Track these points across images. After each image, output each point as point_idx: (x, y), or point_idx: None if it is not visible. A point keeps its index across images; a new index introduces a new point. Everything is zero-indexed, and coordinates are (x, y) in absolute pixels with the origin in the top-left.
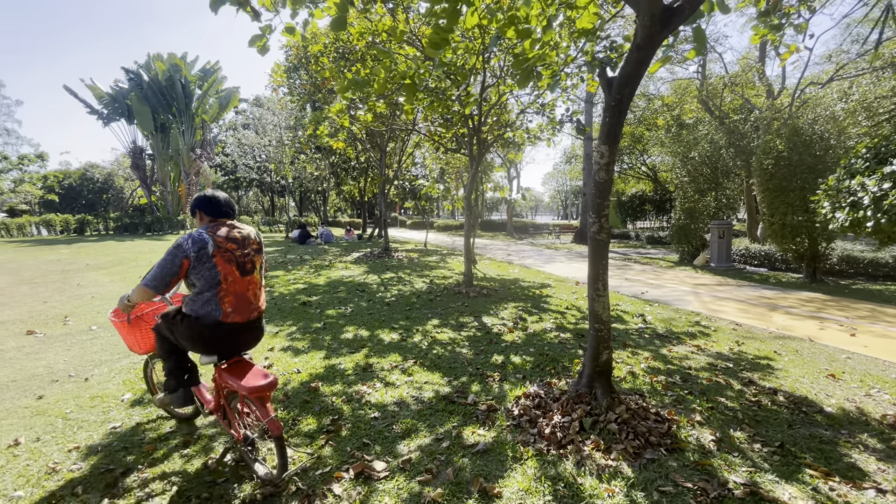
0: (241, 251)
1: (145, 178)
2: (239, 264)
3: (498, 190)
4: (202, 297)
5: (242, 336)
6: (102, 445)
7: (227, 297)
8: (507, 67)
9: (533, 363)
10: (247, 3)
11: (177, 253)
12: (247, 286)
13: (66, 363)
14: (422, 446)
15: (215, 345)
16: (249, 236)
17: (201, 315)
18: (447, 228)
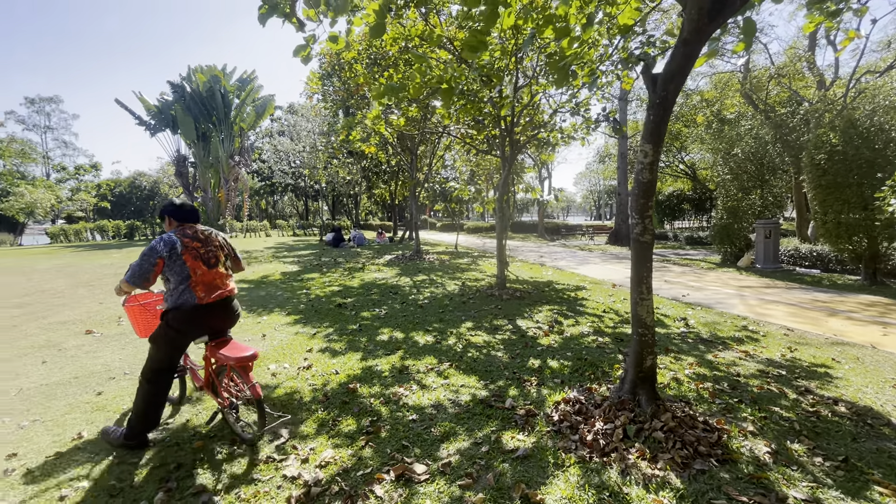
0: (204, 248)
1: (188, 185)
2: (204, 260)
3: (530, 191)
4: (178, 290)
5: (219, 314)
6: (156, 440)
7: (197, 286)
8: (541, 67)
9: (571, 368)
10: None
11: (151, 254)
12: (214, 277)
13: (120, 361)
14: (461, 450)
15: (200, 323)
16: (211, 236)
17: (181, 304)
18: (477, 230)
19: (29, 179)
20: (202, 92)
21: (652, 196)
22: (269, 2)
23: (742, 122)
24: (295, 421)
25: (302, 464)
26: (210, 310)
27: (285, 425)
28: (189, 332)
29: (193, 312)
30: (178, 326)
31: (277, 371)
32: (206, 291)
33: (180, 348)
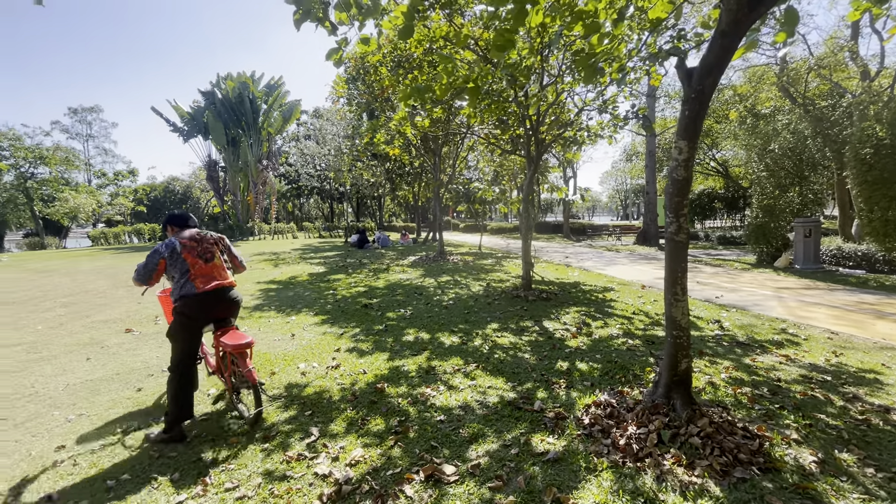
0: (200, 247)
1: (218, 189)
2: (201, 256)
3: (555, 191)
4: (180, 283)
5: (219, 302)
6: (193, 436)
7: (197, 278)
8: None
9: (601, 370)
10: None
11: (154, 255)
12: (211, 269)
13: (158, 359)
14: (490, 452)
15: (202, 309)
16: (206, 236)
17: (184, 294)
18: (500, 231)
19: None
20: (232, 98)
21: (687, 194)
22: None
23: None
24: (325, 420)
25: (332, 462)
26: (209, 297)
27: (315, 425)
28: (195, 317)
29: (195, 299)
30: (186, 312)
31: (307, 370)
32: (204, 282)
33: (194, 335)
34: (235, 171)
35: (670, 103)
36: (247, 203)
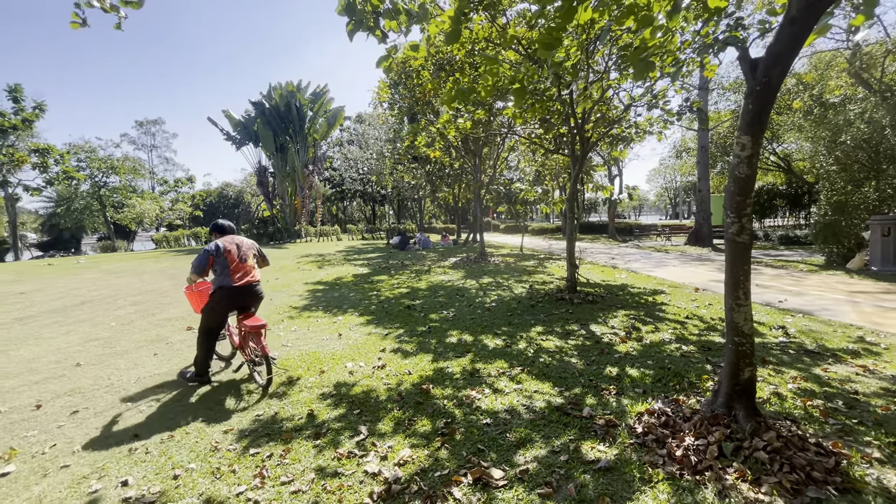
0: (237, 251)
1: (268, 194)
2: (238, 257)
3: (600, 190)
4: (221, 275)
5: (246, 293)
6: (250, 430)
7: (233, 273)
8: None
9: (653, 377)
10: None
11: (205, 254)
12: (243, 268)
13: (241, 374)
14: (538, 458)
15: (233, 299)
16: (243, 241)
17: (223, 285)
18: (542, 232)
19: (139, 192)
20: (280, 107)
21: (750, 193)
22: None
23: (850, 106)
24: (373, 419)
25: (381, 461)
26: (240, 290)
27: (364, 423)
28: (226, 304)
29: (230, 291)
30: (220, 300)
31: (354, 369)
32: (239, 278)
33: (221, 317)
34: (283, 177)
35: (724, 95)
36: (294, 206)
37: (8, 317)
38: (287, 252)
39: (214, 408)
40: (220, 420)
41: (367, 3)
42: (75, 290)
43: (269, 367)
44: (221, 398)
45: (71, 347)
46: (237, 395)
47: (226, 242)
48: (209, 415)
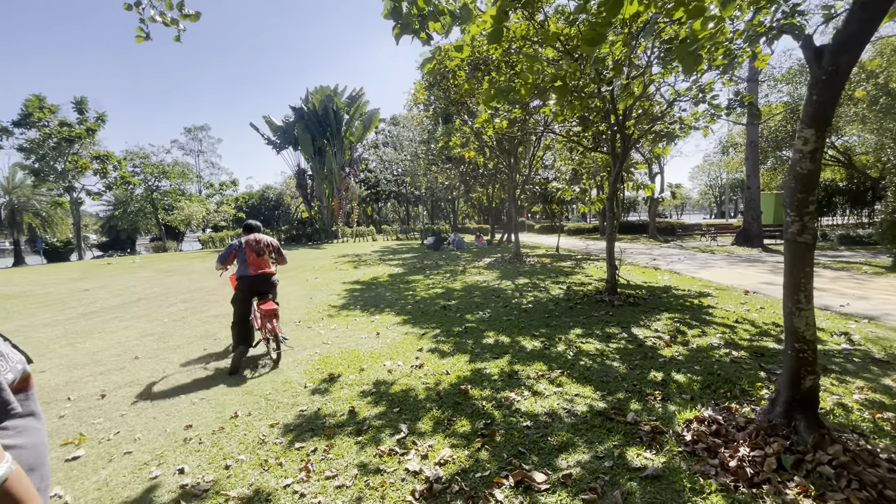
0: (256, 246)
1: (307, 196)
2: (255, 252)
3: (641, 188)
4: (242, 267)
5: (262, 281)
6: (295, 425)
7: (250, 265)
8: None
9: (701, 383)
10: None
11: (229, 249)
12: (260, 261)
13: (260, 352)
14: (581, 462)
15: (252, 286)
16: (262, 239)
17: (242, 275)
18: (579, 232)
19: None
20: (318, 111)
21: (813, 189)
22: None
23: None
24: (412, 417)
25: (422, 459)
26: (256, 279)
27: (404, 422)
28: (246, 291)
29: (248, 280)
30: (241, 287)
31: (393, 368)
32: (255, 269)
33: (246, 303)
34: (321, 179)
35: (776, 87)
36: (331, 208)
37: (74, 312)
38: (325, 252)
39: (260, 401)
40: (267, 414)
41: (412, 6)
42: (132, 288)
43: (277, 345)
44: (267, 392)
45: (129, 341)
46: (281, 390)
47: (248, 240)
48: (256, 408)
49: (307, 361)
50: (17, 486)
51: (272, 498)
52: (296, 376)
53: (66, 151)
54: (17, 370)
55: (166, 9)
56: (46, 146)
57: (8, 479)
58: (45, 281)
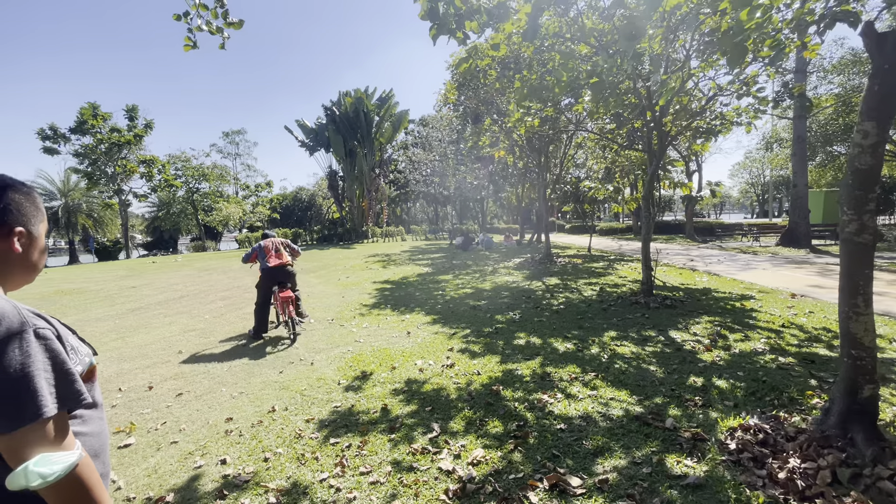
0: (273, 246)
1: (338, 197)
2: (273, 250)
3: (678, 187)
4: (262, 261)
5: (280, 272)
6: (329, 421)
7: (269, 259)
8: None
9: (745, 390)
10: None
11: (252, 250)
12: (278, 256)
13: (296, 349)
14: (618, 468)
15: (271, 276)
16: (276, 241)
17: (263, 267)
18: (611, 232)
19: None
20: (349, 113)
21: (873, 186)
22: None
23: None
24: (444, 417)
25: (455, 459)
26: (274, 270)
27: (436, 421)
28: (267, 279)
29: (268, 270)
30: (263, 277)
31: (424, 367)
32: (273, 261)
33: (267, 289)
34: (352, 180)
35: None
36: (362, 209)
37: (123, 308)
38: (355, 252)
39: (297, 397)
40: (302, 409)
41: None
42: (175, 286)
43: (293, 326)
44: (303, 388)
45: (173, 336)
46: (316, 386)
47: (265, 242)
48: (292, 403)
49: (340, 359)
50: (86, 471)
51: (309, 491)
52: (330, 373)
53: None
54: (84, 363)
55: (212, 18)
56: (98, 151)
57: (79, 465)
58: (98, 278)
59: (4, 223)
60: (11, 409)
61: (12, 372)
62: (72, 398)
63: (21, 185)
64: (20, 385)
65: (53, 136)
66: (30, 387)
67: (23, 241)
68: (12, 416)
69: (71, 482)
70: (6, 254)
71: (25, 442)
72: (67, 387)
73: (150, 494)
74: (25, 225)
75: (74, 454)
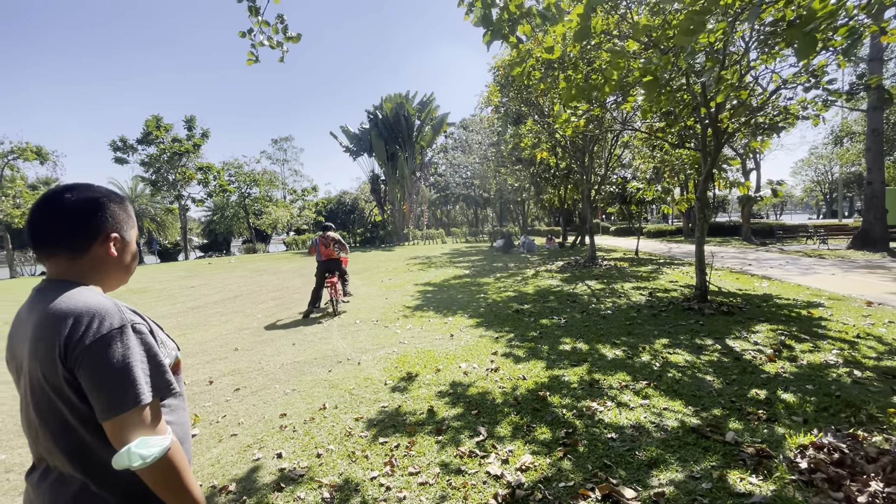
0: (324, 241)
1: (380, 200)
2: (324, 245)
3: (735, 186)
4: (318, 255)
5: (328, 264)
6: (377, 420)
7: (322, 254)
8: (759, 38)
9: (816, 405)
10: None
11: (313, 243)
12: (326, 251)
13: (343, 348)
14: (675, 481)
15: (323, 267)
16: (328, 236)
17: (318, 259)
18: (660, 234)
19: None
20: (390, 118)
21: None
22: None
23: None
24: (490, 421)
25: (503, 464)
26: (325, 262)
27: (482, 425)
28: (320, 269)
29: (321, 263)
30: (318, 267)
31: (468, 370)
32: (324, 256)
33: (320, 277)
34: (393, 183)
35: None
36: (402, 211)
37: (184, 306)
38: (396, 255)
39: (345, 395)
40: (351, 407)
41: (503, 12)
42: (229, 286)
43: (336, 305)
44: (351, 388)
45: (230, 334)
46: (363, 385)
47: (320, 238)
48: (341, 402)
49: (386, 359)
50: (177, 455)
51: (360, 488)
52: (376, 373)
53: (177, 164)
54: (171, 356)
55: (273, 33)
56: (161, 160)
57: (171, 449)
58: (160, 278)
59: (102, 230)
60: (116, 397)
61: (115, 363)
62: (164, 387)
63: (115, 195)
64: (122, 375)
65: (123, 147)
66: (130, 376)
67: (118, 245)
68: (116, 402)
69: (164, 464)
70: (104, 257)
71: (127, 426)
72: (160, 377)
73: (215, 483)
74: (119, 231)
75: (167, 439)
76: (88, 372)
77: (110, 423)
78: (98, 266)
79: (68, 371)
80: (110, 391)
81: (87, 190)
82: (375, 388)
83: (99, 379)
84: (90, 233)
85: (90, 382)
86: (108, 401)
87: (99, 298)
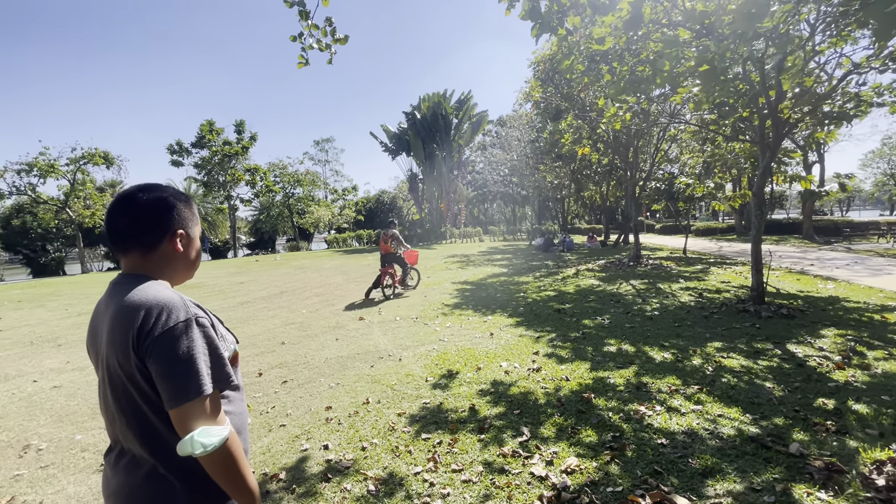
0: (383, 238)
1: (418, 199)
2: (383, 241)
3: (796, 181)
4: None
5: (385, 258)
6: (419, 416)
7: (381, 249)
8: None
9: (893, 417)
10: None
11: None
12: (384, 246)
13: (384, 345)
14: (734, 493)
15: (382, 259)
16: (386, 233)
17: (380, 254)
18: (709, 232)
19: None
20: (428, 117)
21: None
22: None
23: None
24: (533, 422)
25: (547, 465)
26: (383, 256)
27: (525, 425)
28: (381, 261)
29: (381, 256)
30: (381, 259)
31: (509, 370)
32: (382, 250)
33: (384, 266)
34: (431, 182)
35: None
36: (440, 210)
37: (234, 301)
38: (434, 252)
39: (388, 391)
40: (394, 403)
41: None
42: (275, 282)
43: (394, 288)
44: (393, 383)
45: (277, 328)
46: (405, 381)
47: (382, 234)
48: (384, 397)
49: (426, 356)
50: (234, 445)
51: (405, 483)
52: (417, 370)
53: (227, 166)
54: (230, 349)
55: (322, 36)
56: (213, 162)
57: (229, 439)
58: (212, 274)
59: (170, 227)
60: (180, 386)
61: (181, 355)
62: (223, 380)
63: (181, 195)
64: (188, 366)
65: (179, 150)
66: (194, 368)
67: (183, 241)
68: (182, 392)
69: (223, 453)
70: (172, 253)
71: (190, 415)
72: (220, 369)
73: (266, 471)
74: (185, 228)
75: (226, 429)
76: (156, 361)
77: (175, 411)
78: (167, 261)
79: (139, 359)
80: (175, 381)
81: (157, 190)
82: (417, 384)
83: (165, 369)
84: (160, 229)
85: (158, 371)
86: (174, 390)
87: (167, 292)
